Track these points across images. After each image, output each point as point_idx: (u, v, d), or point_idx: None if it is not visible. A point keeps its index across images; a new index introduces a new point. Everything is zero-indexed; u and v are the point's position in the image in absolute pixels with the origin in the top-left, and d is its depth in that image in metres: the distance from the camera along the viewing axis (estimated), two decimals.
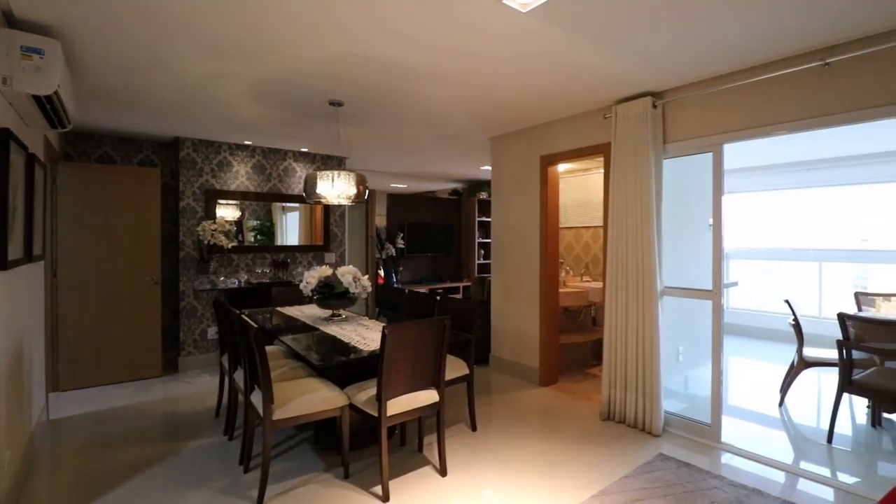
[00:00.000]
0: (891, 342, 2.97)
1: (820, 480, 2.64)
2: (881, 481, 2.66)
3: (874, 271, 6.42)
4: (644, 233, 3.24)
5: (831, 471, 2.83)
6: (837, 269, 6.52)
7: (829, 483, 2.62)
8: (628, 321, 3.34)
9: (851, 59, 2.45)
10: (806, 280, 6.68)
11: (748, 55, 2.69)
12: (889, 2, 2.09)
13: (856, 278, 6.54)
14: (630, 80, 3.09)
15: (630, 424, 3.34)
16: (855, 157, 5.65)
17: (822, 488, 2.56)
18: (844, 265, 6.37)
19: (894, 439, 3.22)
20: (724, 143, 3.00)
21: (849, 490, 2.54)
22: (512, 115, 3.99)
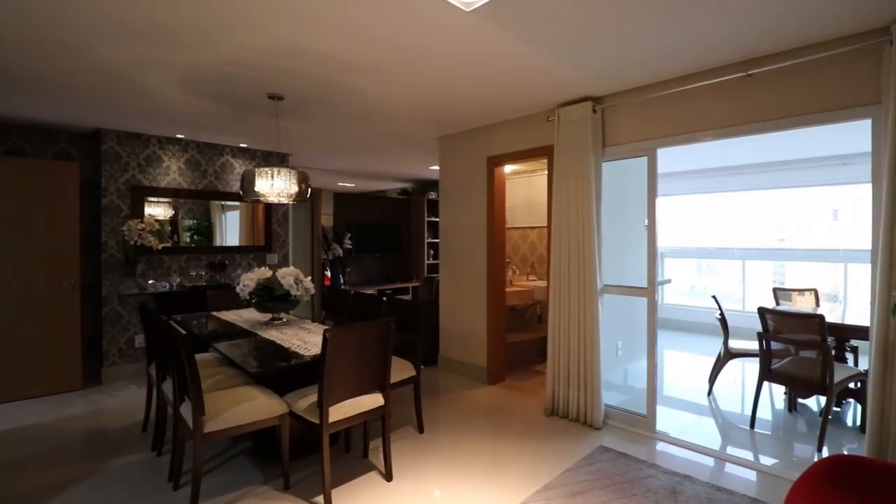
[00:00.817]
0: (804, 333, 3.24)
1: (744, 464, 2.83)
2: (797, 462, 2.90)
3: (790, 268, 7.02)
4: (585, 233, 3.34)
5: (754, 454, 3.04)
6: (758, 266, 7.07)
7: (752, 466, 2.82)
8: (571, 319, 3.44)
9: (771, 71, 2.65)
10: (731, 277, 7.20)
11: (680, 65, 2.84)
12: (801, 22, 2.27)
13: (774, 275, 7.12)
14: (572, 84, 3.18)
15: (573, 419, 3.44)
16: (773, 163, 6.14)
17: (747, 471, 2.75)
18: (764, 263, 6.92)
19: (808, 422, 3.52)
20: (657, 148, 3.16)
21: (769, 472, 2.74)
22: (459, 115, 4.00)
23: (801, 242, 6.77)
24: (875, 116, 2.36)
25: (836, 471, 1.76)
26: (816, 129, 3.81)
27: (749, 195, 6.87)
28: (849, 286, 6.25)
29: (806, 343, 3.22)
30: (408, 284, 7.98)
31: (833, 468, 1.77)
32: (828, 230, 6.71)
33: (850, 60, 2.40)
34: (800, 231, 6.81)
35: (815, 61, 2.50)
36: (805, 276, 6.77)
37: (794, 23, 2.30)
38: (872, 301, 2.34)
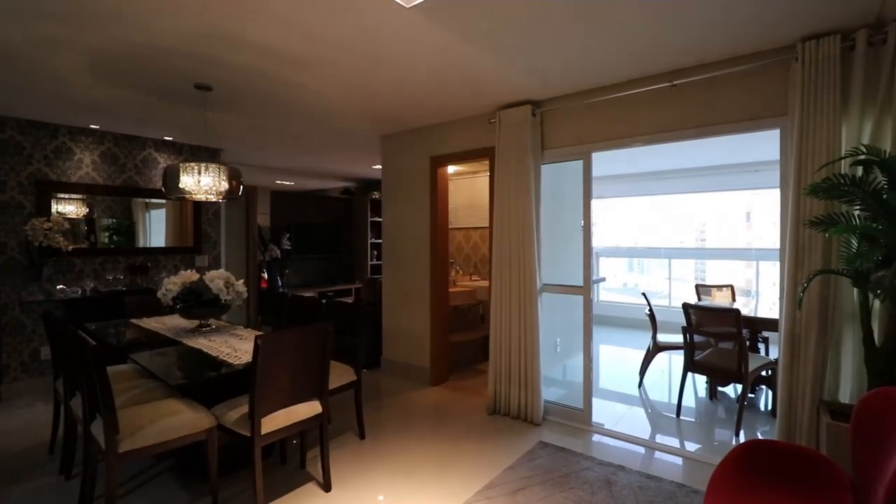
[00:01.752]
0: (722, 326, 3.49)
1: (671, 451, 3.01)
2: (718, 446, 3.12)
3: (710, 266, 7.59)
4: (525, 233, 3.41)
5: (679, 441, 3.24)
6: (683, 264, 7.59)
7: (678, 453, 3.00)
8: (512, 318, 3.49)
9: (693, 82, 2.82)
10: (659, 274, 7.68)
11: (613, 74, 2.97)
12: (719, 39, 2.44)
13: (696, 272, 7.68)
14: (512, 87, 3.23)
15: (514, 416, 3.49)
16: (695, 169, 6.59)
17: (674, 458, 2.92)
18: (688, 261, 7.45)
19: (726, 409, 3.80)
20: (592, 152, 3.28)
21: (693, 457, 2.93)
22: (402, 114, 3.95)
23: (719, 242, 7.35)
24: (783, 127, 2.58)
25: (751, 455, 1.90)
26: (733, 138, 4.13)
27: (674, 198, 7.36)
28: (760, 282, 6.85)
29: (724, 335, 3.47)
30: (350, 286, 7.80)
31: (749, 453, 1.91)
32: (741, 231, 7.32)
33: (762, 75, 2.62)
34: (718, 232, 7.38)
35: (732, 74, 2.70)
36: (723, 273, 7.35)
37: (713, 39, 2.48)
38: (781, 296, 2.56)
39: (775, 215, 2.69)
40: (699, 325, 3.61)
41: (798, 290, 2.33)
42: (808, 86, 2.35)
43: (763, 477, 1.82)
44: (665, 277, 7.63)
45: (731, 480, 1.83)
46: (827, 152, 2.31)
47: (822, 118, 2.32)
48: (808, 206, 2.37)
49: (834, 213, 2.24)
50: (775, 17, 2.23)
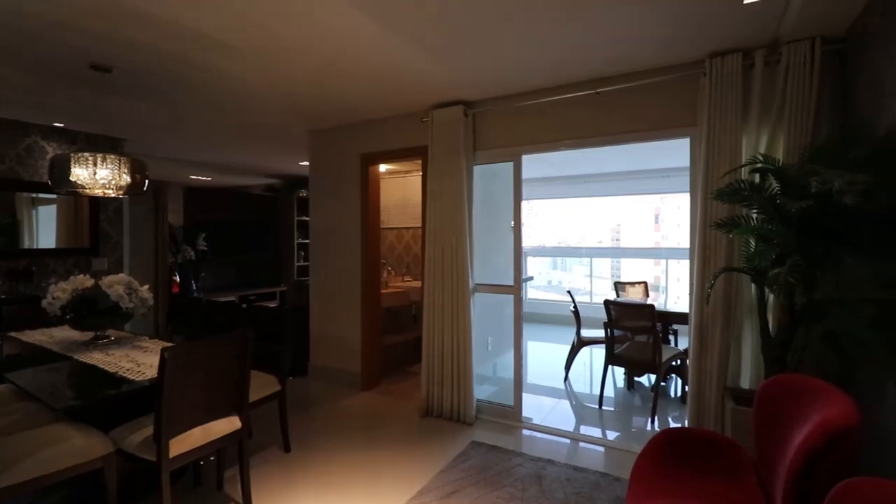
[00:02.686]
0: (638, 321, 3.72)
1: (595, 442, 3.15)
2: (636, 433, 3.32)
3: (625, 264, 8.12)
4: (457, 233, 3.41)
5: (602, 431, 3.41)
6: (601, 262, 8.05)
7: (601, 443, 3.15)
8: (444, 318, 3.48)
9: (615, 90, 2.97)
10: (582, 272, 8.10)
11: (542, 79, 3.05)
12: (636, 51, 2.58)
13: (613, 269, 8.18)
14: (445, 87, 3.20)
15: (447, 417, 3.48)
16: (614, 173, 7.01)
17: (597, 448, 3.06)
18: (606, 260, 7.92)
19: (642, 397, 4.06)
20: (522, 154, 3.35)
21: (614, 446, 3.09)
22: (332, 109, 3.78)
23: (633, 242, 7.89)
24: (693, 136, 2.79)
25: (668, 443, 2.02)
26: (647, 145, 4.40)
27: (594, 201, 7.80)
28: (669, 279, 7.45)
29: (640, 329, 3.71)
30: (275, 289, 7.40)
31: (666, 441, 2.03)
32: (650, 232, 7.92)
33: (676, 87, 2.81)
34: (631, 232, 7.93)
35: (650, 85, 2.87)
36: (635, 271, 7.90)
37: (633, 52, 2.62)
38: (691, 292, 2.77)
39: (680, 217, 2.91)
40: (618, 320, 3.82)
41: (706, 287, 2.53)
42: (714, 99, 2.56)
43: (680, 462, 1.94)
44: (585, 275, 8.06)
45: (652, 468, 1.93)
46: (730, 160, 2.53)
47: (726, 129, 2.54)
48: (714, 210, 2.57)
49: (736, 216, 2.45)
50: (687, 33, 2.40)
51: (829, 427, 1.36)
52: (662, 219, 13.57)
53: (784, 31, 2.33)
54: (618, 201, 7.73)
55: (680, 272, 7.22)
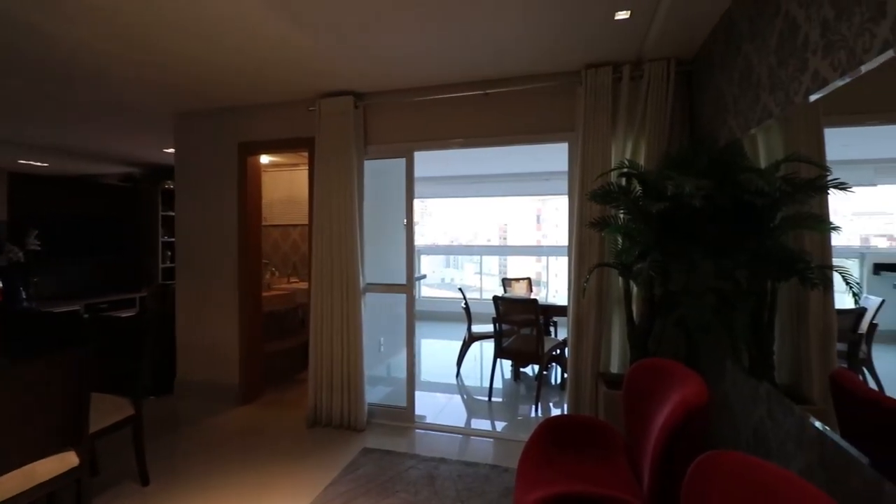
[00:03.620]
0: (523, 314, 3.91)
1: (485, 435, 3.24)
2: (522, 422, 3.48)
3: (511, 261, 8.58)
4: (348, 231, 3.25)
5: (491, 423, 3.52)
6: (490, 260, 8.40)
7: (490, 435, 3.24)
8: (334, 320, 3.30)
9: (502, 92, 3.06)
10: (471, 269, 8.38)
11: (434, 75, 3.03)
12: (519, 57, 2.68)
13: (500, 267, 8.59)
14: (334, 74, 3.03)
15: (337, 425, 3.31)
16: (501, 175, 7.33)
17: (487, 441, 3.13)
18: (493, 257, 8.29)
19: (527, 387, 4.29)
20: (415, 150, 3.31)
21: (503, 437, 3.20)
22: (205, 89, 3.34)
23: (517, 240, 8.36)
24: (571, 141, 2.98)
25: (550, 431, 2.12)
26: (533, 148, 4.64)
27: (485, 201, 8.11)
28: (549, 274, 8.02)
29: (526, 322, 3.90)
30: (135, 295, 6.44)
31: (548, 429, 2.12)
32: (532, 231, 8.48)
33: (558, 94, 2.99)
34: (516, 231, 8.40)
35: (535, 90, 3.01)
36: (520, 268, 8.39)
37: (518, 57, 2.72)
38: (569, 286, 2.96)
39: (559, 218, 3.11)
40: (506, 314, 3.98)
41: (582, 282, 2.72)
42: (589, 107, 2.77)
43: (561, 449, 2.05)
44: (476, 272, 8.35)
45: (537, 457, 2.01)
46: (602, 164, 2.75)
47: (598, 135, 2.76)
48: (589, 210, 2.78)
49: (607, 216, 2.67)
50: (566, 44, 2.56)
51: (687, 405, 1.51)
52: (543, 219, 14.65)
53: (646, 50, 2.59)
54: (505, 202, 8.14)
55: (558, 268, 7.82)
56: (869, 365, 1.71)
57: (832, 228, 1.72)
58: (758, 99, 1.82)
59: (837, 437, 1.32)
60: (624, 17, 2.20)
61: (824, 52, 1.34)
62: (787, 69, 1.57)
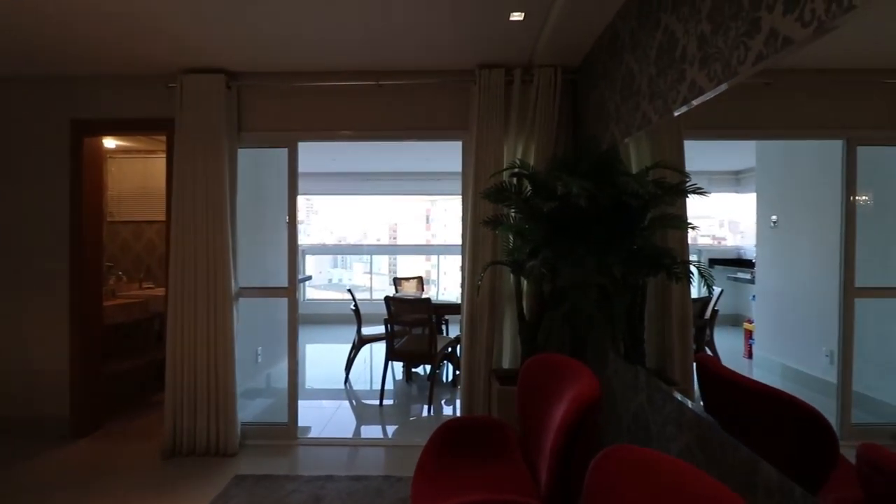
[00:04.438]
0: (416, 314, 3.82)
1: (376, 444, 3.06)
2: (416, 425, 3.38)
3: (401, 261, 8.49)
4: (217, 228, 2.82)
5: (383, 430, 3.36)
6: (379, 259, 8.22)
7: (382, 444, 3.07)
8: (199, 331, 2.83)
9: (397, 85, 2.92)
10: (360, 269, 8.11)
11: (321, 59, 2.77)
12: (413, 50, 2.57)
13: (391, 266, 8.46)
14: (200, 48, 2.60)
15: (202, 452, 2.84)
16: (393, 173, 7.15)
17: (378, 450, 2.96)
18: (383, 257, 8.13)
19: (419, 387, 4.20)
20: (299, 140, 3.00)
21: (395, 444, 3.06)
22: (24, 45, 2.61)
23: (408, 240, 8.31)
24: (465, 140, 2.96)
25: (446, 435, 2.03)
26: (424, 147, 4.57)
27: (375, 199, 7.90)
28: (440, 273, 8.09)
29: (418, 322, 3.81)
30: None
31: (444, 434, 2.03)
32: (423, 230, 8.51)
33: (453, 91, 2.94)
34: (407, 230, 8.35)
35: (430, 86, 2.93)
36: (411, 267, 8.36)
37: (414, 50, 2.62)
38: (463, 284, 2.93)
39: (447, 218, 3.08)
40: (398, 315, 3.85)
41: (477, 279, 2.71)
42: (483, 107, 2.76)
43: (457, 453, 1.97)
44: (366, 272, 8.10)
45: (432, 465, 1.91)
46: (495, 164, 2.76)
47: (492, 135, 2.77)
48: (483, 209, 2.77)
49: (500, 215, 2.69)
50: (461, 41, 2.51)
51: (581, 402, 1.53)
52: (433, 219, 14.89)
53: (536, 56, 2.66)
54: (395, 201, 8.01)
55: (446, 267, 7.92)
56: (711, 345, 1.98)
57: (691, 227, 1.96)
58: (638, 106, 1.95)
59: (711, 418, 1.43)
60: (518, 18, 2.21)
61: (701, 63, 1.44)
62: (667, 79, 1.68)
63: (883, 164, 1.13)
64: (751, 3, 1.19)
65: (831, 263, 1.32)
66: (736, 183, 1.96)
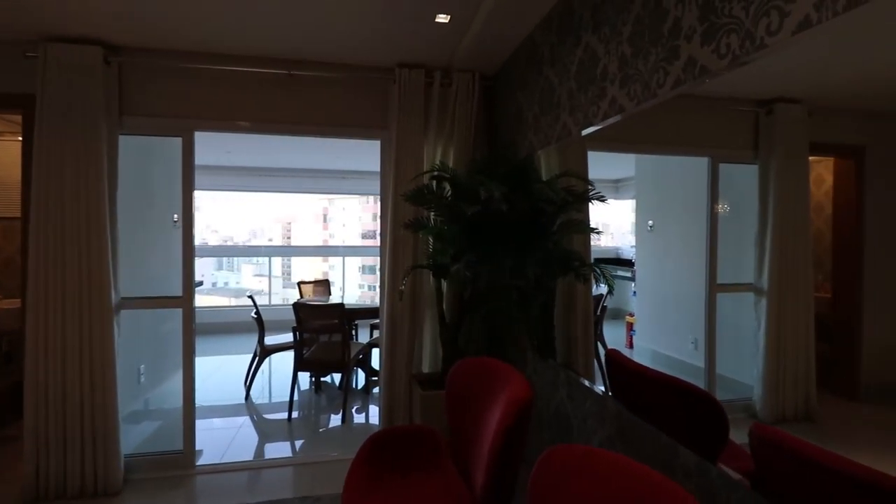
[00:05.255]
0: (328, 320, 3.63)
1: (286, 464, 2.82)
2: (329, 438, 3.20)
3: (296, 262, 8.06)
4: (93, 228, 2.39)
5: (292, 447, 3.12)
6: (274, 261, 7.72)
7: (293, 462, 2.85)
8: (68, 351, 2.37)
9: (311, 77, 2.75)
10: (249, 271, 7.54)
11: (226, 41, 2.50)
12: (331, 41, 2.45)
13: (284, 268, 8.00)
14: (71, 12, 2.18)
15: (75, 495, 2.38)
16: (290, 169, 6.73)
17: (287, 470, 2.74)
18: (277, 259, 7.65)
19: (329, 397, 4.01)
20: (196, 130, 2.67)
21: (307, 461, 2.84)
22: None
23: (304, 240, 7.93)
24: (384, 139, 2.88)
25: (374, 450, 1.95)
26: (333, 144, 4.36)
27: (267, 196, 7.38)
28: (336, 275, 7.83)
29: (330, 328, 3.62)
30: None
31: (372, 448, 1.94)
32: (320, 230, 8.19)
33: (373, 88, 2.85)
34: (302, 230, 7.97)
35: (348, 81, 2.81)
36: (307, 269, 7.98)
37: (331, 41, 2.48)
38: (382, 287, 2.85)
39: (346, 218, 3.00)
40: (309, 321, 3.63)
41: (400, 283, 2.65)
42: (403, 107, 2.71)
43: (389, 465, 1.91)
44: (256, 275, 7.55)
45: (363, 478, 1.83)
46: (415, 165, 2.74)
47: (412, 136, 2.74)
48: (403, 211, 2.73)
49: (420, 217, 2.67)
50: (382, 37, 2.44)
51: (518, 405, 1.56)
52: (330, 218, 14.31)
53: (456, 60, 2.69)
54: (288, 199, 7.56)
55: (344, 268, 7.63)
56: (601, 338, 2.22)
57: (596, 232, 2.17)
58: (558, 118, 2.06)
59: (628, 412, 1.56)
60: (444, 20, 2.21)
61: (622, 83, 1.56)
62: (587, 94, 1.80)
63: (738, 179, 1.35)
64: (670, 32, 1.33)
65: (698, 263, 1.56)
66: (615, 190, 2.21)
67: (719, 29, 1.16)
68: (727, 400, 1.37)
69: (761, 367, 1.30)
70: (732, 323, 1.50)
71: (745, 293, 1.36)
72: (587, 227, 2.26)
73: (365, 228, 17.72)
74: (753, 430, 1.25)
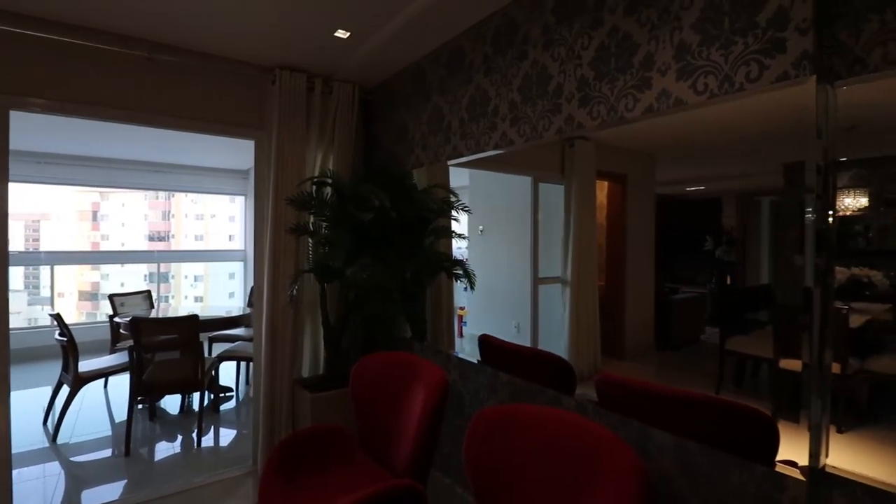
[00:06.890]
0: (173, 334, 3.23)
1: (149, 500, 2.49)
2: (185, 467, 2.90)
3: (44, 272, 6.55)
4: None
5: (133, 484, 2.71)
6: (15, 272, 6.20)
7: (154, 498, 2.53)
8: None
9: (178, 65, 2.49)
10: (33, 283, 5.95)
11: (68, 8, 2.08)
12: (202, 29, 2.29)
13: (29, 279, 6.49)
14: None
15: None
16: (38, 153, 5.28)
17: None
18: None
19: (170, 422, 3.56)
20: (12, 109, 2.15)
21: (171, 493, 2.54)
22: None
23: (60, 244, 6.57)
24: (258, 140, 2.78)
25: (285, 458, 1.94)
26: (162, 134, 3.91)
27: (14, 187, 5.91)
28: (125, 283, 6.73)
29: (180, 344, 3.23)
30: None
31: (282, 457, 1.93)
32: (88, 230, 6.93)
33: (248, 85, 2.72)
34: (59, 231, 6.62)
35: (220, 73, 2.62)
36: (63, 280, 6.63)
37: (203, 27, 2.30)
38: (260, 294, 2.75)
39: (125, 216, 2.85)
40: (151, 338, 3.18)
41: (291, 289, 2.62)
42: (283, 109, 2.68)
43: (303, 467, 1.95)
44: (36, 287, 5.98)
45: (278, 487, 1.84)
46: (297, 168, 2.73)
47: (294, 140, 2.72)
48: (284, 215, 2.70)
49: (303, 222, 2.69)
50: (268, 36, 2.39)
51: (440, 385, 1.84)
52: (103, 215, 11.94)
53: (338, 71, 2.78)
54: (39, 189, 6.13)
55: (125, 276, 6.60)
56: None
57: (461, 237, 2.63)
58: (448, 141, 2.39)
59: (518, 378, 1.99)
60: (343, 36, 2.32)
61: (512, 122, 1.98)
62: (479, 125, 2.18)
63: (550, 195, 1.93)
64: (554, 92, 1.78)
65: (522, 261, 2.14)
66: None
67: (591, 99, 1.65)
68: None
69: (567, 340, 1.88)
70: (546, 308, 2.09)
71: (556, 285, 1.94)
72: (454, 232, 2.69)
73: (152, 229, 14.91)
74: (599, 377, 1.79)
